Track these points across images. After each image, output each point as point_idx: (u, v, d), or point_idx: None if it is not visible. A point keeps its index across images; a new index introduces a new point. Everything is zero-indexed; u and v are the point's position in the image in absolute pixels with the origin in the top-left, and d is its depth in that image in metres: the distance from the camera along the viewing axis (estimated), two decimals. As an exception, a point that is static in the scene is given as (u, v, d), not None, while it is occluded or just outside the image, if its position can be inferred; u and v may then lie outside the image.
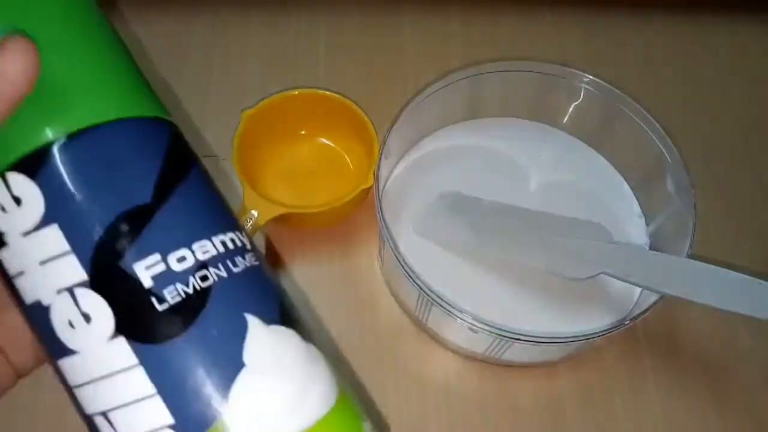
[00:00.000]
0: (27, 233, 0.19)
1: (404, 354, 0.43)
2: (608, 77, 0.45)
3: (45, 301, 0.19)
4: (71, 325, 0.19)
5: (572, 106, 0.47)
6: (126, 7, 0.55)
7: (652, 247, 0.44)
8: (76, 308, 0.19)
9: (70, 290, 0.19)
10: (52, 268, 0.19)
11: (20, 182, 0.19)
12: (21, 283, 0.20)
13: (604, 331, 0.37)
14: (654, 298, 0.37)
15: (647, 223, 0.45)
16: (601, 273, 0.40)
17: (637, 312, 0.38)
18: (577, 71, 0.45)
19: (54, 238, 0.19)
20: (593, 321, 0.40)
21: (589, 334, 0.37)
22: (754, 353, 0.44)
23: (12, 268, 0.20)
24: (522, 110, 0.49)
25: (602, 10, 0.57)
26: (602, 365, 0.43)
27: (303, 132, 0.49)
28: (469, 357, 0.43)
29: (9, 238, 0.19)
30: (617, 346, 0.44)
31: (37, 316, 0.20)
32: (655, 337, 0.44)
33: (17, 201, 0.19)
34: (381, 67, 0.54)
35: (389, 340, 0.43)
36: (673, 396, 0.42)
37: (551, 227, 0.43)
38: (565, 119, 0.48)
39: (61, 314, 0.19)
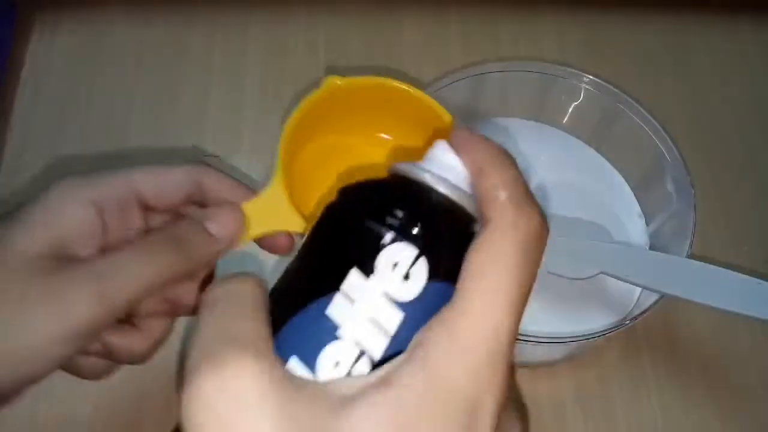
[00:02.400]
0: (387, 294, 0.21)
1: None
2: (608, 77, 0.45)
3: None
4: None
5: (572, 106, 0.47)
6: (126, 6, 0.55)
7: (652, 247, 0.44)
8: None
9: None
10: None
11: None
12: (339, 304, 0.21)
13: (604, 331, 0.37)
14: (654, 298, 0.37)
15: (647, 223, 0.45)
16: (601, 273, 0.40)
17: (637, 312, 0.38)
18: (577, 71, 0.45)
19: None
20: (593, 321, 0.40)
21: (589, 334, 0.37)
22: (754, 353, 0.44)
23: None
24: (522, 110, 0.49)
25: (602, 10, 0.57)
26: (602, 365, 0.43)
27: (386, 137, 0.35)
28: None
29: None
30: (617, 346, 0.44)
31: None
32: (655, 337, 0.44)
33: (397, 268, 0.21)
34: (381, 67, 0.53)
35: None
36: (673, 396, 0.42)
37: (551, 227, 0.43)
38: (565, 119, 0.48)
39: None
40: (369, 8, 0.56)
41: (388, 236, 0.21)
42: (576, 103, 0.47)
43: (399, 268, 0.21)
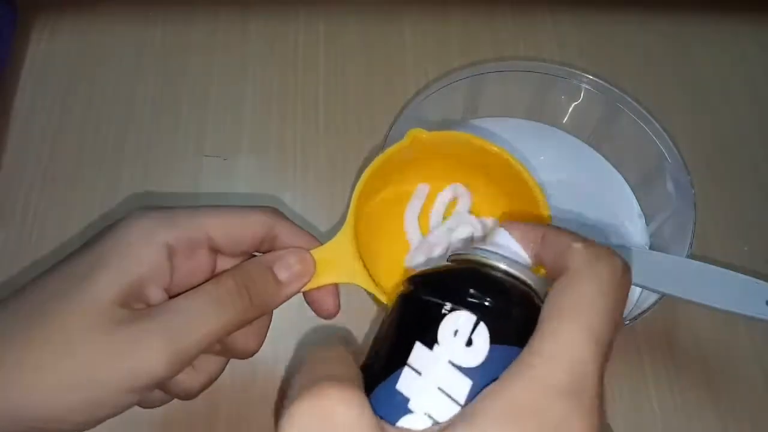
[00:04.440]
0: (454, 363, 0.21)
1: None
2: (608, 77, 0.45)
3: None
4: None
5: (572, 106, 0.47)
6: (126, 6, 0.55)
7: (652, 247, 0.44)
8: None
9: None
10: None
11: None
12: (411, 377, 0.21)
13: (604, 331, 0.37)
14: (654, 298, 0.37)
15: (647, 223, 0.45)
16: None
17: (637, 312, 0.38)
18: (577, 71, 0.45)
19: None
20: (593, 321, 0.40)
21: (589, 334, 0.37)
22: (754, 353, 0.44)
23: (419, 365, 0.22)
24: (522, 110, 0.49)
25: (602, 10, 0.57)
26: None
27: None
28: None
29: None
30: (617, 346, 0.43)
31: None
32: (655, 337, 0.44)
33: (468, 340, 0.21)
34: (381, 67, 0.54)
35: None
36: (672, 396, 0.42)
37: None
38: (565, 119, 0.48)
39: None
40: (369, 8, 0.56)
41: (447, 306, 0.22)
42: (576, 103, 0.47)
43: (460, 336, 0.21)
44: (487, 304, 0.22)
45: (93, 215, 0.46)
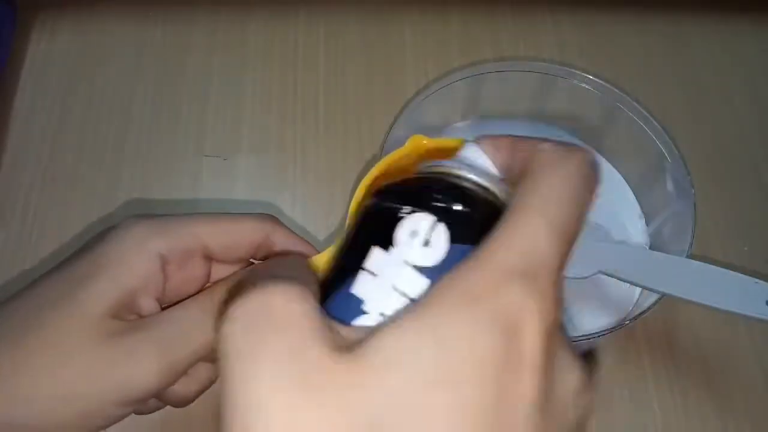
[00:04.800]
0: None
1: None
2: (608, 77, 0.45)
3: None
4: None
5: (572, 106, 0.47)
6: (126, 6, 0.55)
7: (652, 247, 0.44)
8: None
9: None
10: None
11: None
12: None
13: (604, 331, 0.37)
14: (654, 298, 0.37)
15: (647, 223, 0.45)
16: (601, 272, 0.40)
17: (637, 312, 0.38)
18: (577, 71, 0.45)
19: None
20: (593, 321, 0.40)
21: (589, 334, 0.37)
22: (754, 353, 0.44)
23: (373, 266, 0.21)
24: (522, 110, 0.49)
25: (602, 10, 0.57)
26: (602, 365, 0.43)
27: None
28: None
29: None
30: (617, 346, 0.44)
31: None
32: (655, 337, 0.44)
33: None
34: (381, 67, 0.53)
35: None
36: (672, 396, 0.42)
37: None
38: (565, 119, 0.48)
39: None
40: (369, 8, 0.56)
41: (405, 209, 0.21)
42: (576, 103, 0.47)
43: (418, 237, 0.21)
44: (446, 206, 0.21)
45: (93, 215, 0.46)
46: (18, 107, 0.51)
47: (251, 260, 0.30)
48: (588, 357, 0.23)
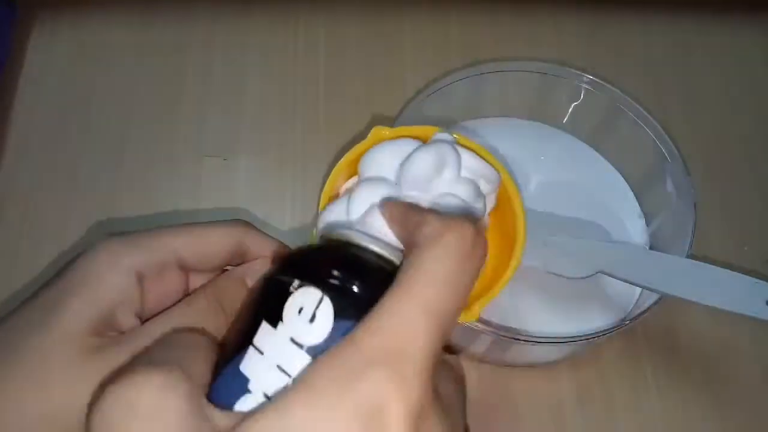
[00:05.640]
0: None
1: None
2: (608, 77, 0.45)
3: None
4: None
5: (572, 106, 0.47)
6: (126, 6, 0.55)
7: (652, 247, 0.44)
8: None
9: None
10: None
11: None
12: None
13: (604, 331, 0.37)
14: (654, 298, 0.37)
15: (647, 223, 0.45)
16: (600, 272, 0.40)
17: (637, 312, 0.38)
18: (577, 71, 0.45)
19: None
20: (593, 321, 0.40)
21: (589, 334, 0.37)
22: (754, 353, 0.44)
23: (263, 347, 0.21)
24: (522, 110, 0.49)
25: (602, 10, 0.57)
26: (602, 365, 0.43)
27: None
28: (469, 357, 0.43)
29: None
30: (617, 346, 0.44)
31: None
32: (655, 337, 0.44)
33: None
34: (381, 67, 0.54)
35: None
36: (673, 396, 0.42)
37: (550, 227, 0.43)
38: (565, 119, 0.48)
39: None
40: (369, 8, 0.56)
41: (295, 283, 0.21)
42: (576, 103, 0.47)
43: (304, 313, 0.20)
44: (333, 280, 0.21)
45: (93, 215, 0.46)
46: (18, 107, 0.51)
47: (227, 267, 0.30)
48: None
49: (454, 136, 0.30)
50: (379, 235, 0.24)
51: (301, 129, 0.51)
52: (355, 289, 0.21)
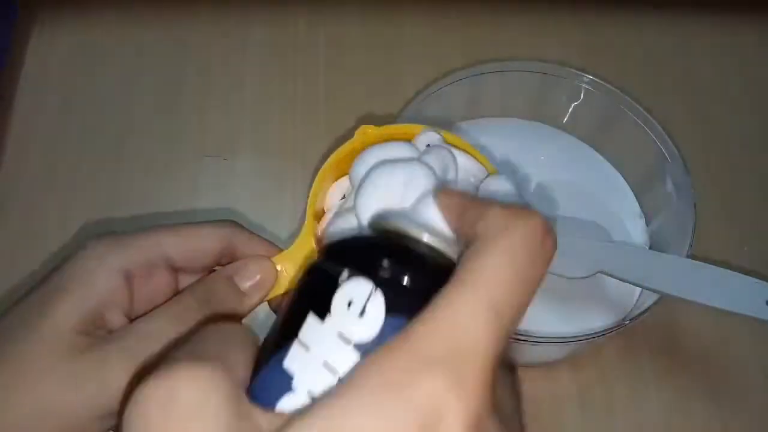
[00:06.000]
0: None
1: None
2: (608, 77, 0.45)
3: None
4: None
5: (572, 106, 0.47)
6: (126, 6, 0.55)
7: (652, 247, 0.44)
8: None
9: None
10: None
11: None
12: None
13: (604, 331, 0.37)
14: (654, 298, 0.37)
15: (647, 223, 0.45)
16: (600, 272, 0.40)
17: (637, 312, 0.38)
18: (577, 71, 0.45)
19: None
20: (593, 321, 0.40)
21: (589, 334, 0.37)
22: (754, 353, 0.44)
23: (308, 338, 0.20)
24: (522, 110, 0.49)
25: (602, 10, 0.57)
26: (602, 365, 0.43)
27: None
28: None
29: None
30: (617, 346, 0.44)
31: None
32: (655, 337, 0.44)
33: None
34: (381, 67, 0.54)
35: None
36: (672, 395, 0.42)
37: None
38: (565, 119, 0.48)
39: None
40: (369, 8, 0.56)
41: (344, 274, 0.20)
42: (576, 103, 0.47)
43: (354, 306, 0.19)
44: (386, 272, 0.19)
45: (93, 215, 0.46)
46: (18, 107, 0.51)
47: (216, 267, 0.30)
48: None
49: (441, 134, 0.30)
50: (433, 225, 0.22)
51: (301, 129, 0.51)
52: (409, 282, 0.20)
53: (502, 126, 0.48)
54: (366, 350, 0.18)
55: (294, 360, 0.19)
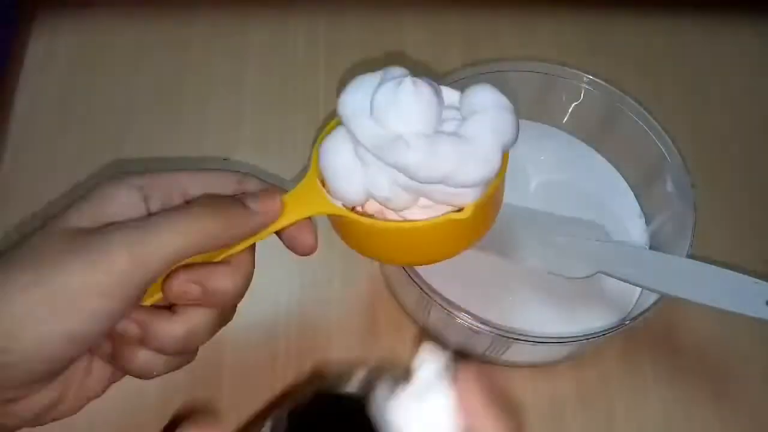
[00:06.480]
0: None
1: (404, 354, 0.43)
2: (608, 77, 0.45)
3: None
4: None
5: (572, 106, 0.47)
6: (126, 7, 0.55)
7: (652, 247, 0.44)
8: None
9: None
10: None
11: None
12: None
13: (604, 331, 0.37)
14: (654, 298, 0.37)
15: (647, 223, 0.45)
16: (600, 272, 0.40)
17: (637, 312, 0.38)
18: (577, 71, 0.45)
19: None
20: (593, 321, 0.40)
21: (589, 334, 0.37)
22: (754, 353, 0.44)
23: None
24: (522, 110, 0.48)
25: (602, 10, 0.57)
26: (602, 365, 0.43)
27: None
28: (469, 357, 0.43)
29: None
30: (617, 346, 0.44)
31: None
32: (655, 337, 0.44)
33: None
34: (381, 66, 0.53)
35: (389, 340, 0.43)
36: (673, 396, 0.42)
37: (551, 227, 0.43)
38: (565, 119, 0.48)
39: None
40: (369, 8, 0.56)
41: None
42: (576, 103, 0.47)
43: None
44: None
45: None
46: (18, 107, 0.51)
47: None
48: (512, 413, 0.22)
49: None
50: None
51: (301, 129, 0.51)
52: None
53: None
54: None
55: None
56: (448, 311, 0.37)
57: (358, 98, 0.30)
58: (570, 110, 0.47)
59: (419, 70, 0.52)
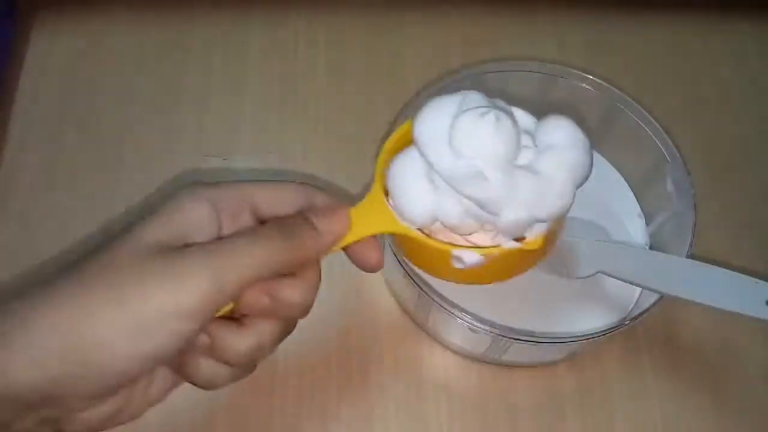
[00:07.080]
0: None
1: (404, 354, 0.43)
2: (608, 77, 0.45)
3: None
4: None
5: (572, 106, 0.47)
6: (126, 7, 0.55)
7: (652, 247, 0.44)
8: None
9: None
10: None
11: None
12: None
13: (604, 331, 0.37)
14: (654, 298, 0.37)
15: (647, 223, 0.45)
16: (600, 272, 0.40)
17: (637, 312, 0.38)
18: (577, 71, 0.45)
19: None
20: (593, 321, 0.40)
21: (589, 334, 0.37)
22: (753, 353, 0.44)
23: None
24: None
25: (602, 10, 0.57)
26: (602, 365, 0.43)
27: None
28: (469, 357, 0.43)
29: None
30: (617, 346, 0.44)
31: None
32: (655, 337, 0.44)
33: None
34: (381, 67, 0.54)
35: (389, 340, 0.43)
36: (673, 396, 0.42)
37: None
38: (565, 119, 0.48)
39: None
40: (369, 8, 0.56)
41: None
42: (576, 103, 0.47)
43: None
44: None
45: (93, 216, 0.46)
46: (18, 107, 0.51)
47: None
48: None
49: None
50: None
51: (301, 129, 0.51)
52: None
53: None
54: None
55: None
56: (448, 311, 0.37)
57: (436, 124, 0.30)
58: (570, 110, 0.47)
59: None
